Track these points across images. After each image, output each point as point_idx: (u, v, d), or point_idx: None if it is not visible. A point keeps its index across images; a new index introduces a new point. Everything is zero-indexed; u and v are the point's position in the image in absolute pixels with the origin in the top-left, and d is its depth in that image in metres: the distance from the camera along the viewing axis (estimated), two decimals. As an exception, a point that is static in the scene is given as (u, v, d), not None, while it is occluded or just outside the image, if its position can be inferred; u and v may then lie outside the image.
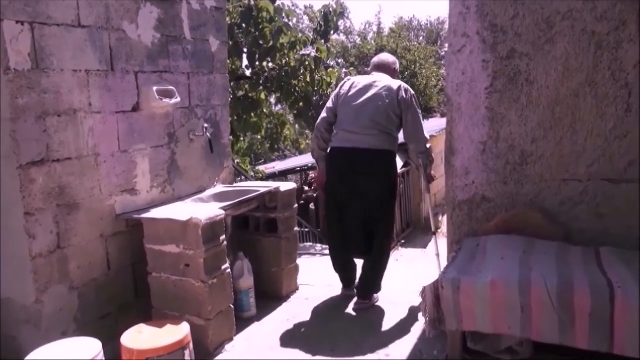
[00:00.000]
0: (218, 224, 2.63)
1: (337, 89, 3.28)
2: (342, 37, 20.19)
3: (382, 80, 3.20)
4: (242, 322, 2.95)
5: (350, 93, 3.17)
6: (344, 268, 3.32)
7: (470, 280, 2.27)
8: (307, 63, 4.77)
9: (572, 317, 2.09)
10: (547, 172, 2.73)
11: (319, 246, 4.60)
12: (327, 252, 4.40)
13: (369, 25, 23.21)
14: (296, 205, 3.38)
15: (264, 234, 3.29)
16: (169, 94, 2.91)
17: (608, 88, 2.57)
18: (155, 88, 2.82)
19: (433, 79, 18.03)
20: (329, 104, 3.25)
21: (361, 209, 3.12)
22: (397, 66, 3.48)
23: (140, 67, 2.79)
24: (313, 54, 4.79)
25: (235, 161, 5.79)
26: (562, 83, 2.64)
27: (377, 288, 3.26)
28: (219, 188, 3.34)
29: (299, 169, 9.19)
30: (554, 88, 2.66)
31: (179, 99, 2.96)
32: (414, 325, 2.94)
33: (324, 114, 3.25)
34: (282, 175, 9.66)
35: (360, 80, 3.25)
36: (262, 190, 3.11)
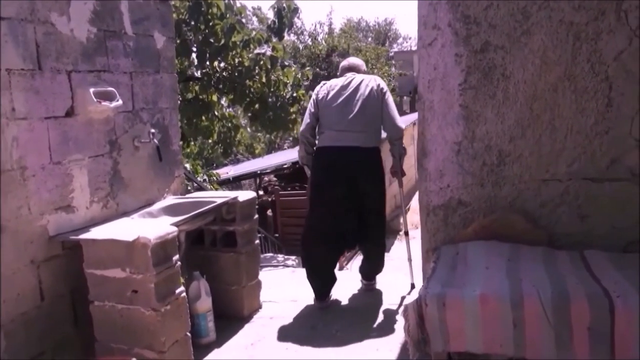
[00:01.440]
0: (170, 242, 2.32)
1: (314, 95, 3.33)
2: (293, 37, 19.95)
3: (356, 77, 3.30)
4: (201, 350, 2.64)
5: (330, 95, 3.23)
6: (323, 276, 3.19)
7: (457, 295, 2.05)
8: (262, 62, 4.48)
9: (570, 331, 1.91)
10: (526, 172, 2.57)
11: (280, 256, 4.33)
12: (290, 263, 4.14)
13: (320, 26, 23.08)
14: (256, 216, 3.11)
15: (221, 249, 3.00)
16: (108, 96, 2.57)
17: (588, 81, 2.42)
18: (92, 89, 2.48)
19: (385, 79, 18.06)
20: (310, 109, 3.28)
21: (355, 202, 3.16)
22: (365, 68, 3.62)
23: (74, 66, 2.44)
24: (268, 53, 4.50)
25: (187, 166, 5.43)
26: (539, 77, 2.48)
27: (381, 269, 3.40)
28: (170, 200, 3.01)
29: (253, 173, 8.90)
30: (531, 83, 2.50)
31: (120, 102, 2.62)
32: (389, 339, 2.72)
33: (307, 120, 3.28)
34: (236, 181, 9.31)
35: (336, 82, 3.31)
36: (219, 201, 2.81)
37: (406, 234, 3.52)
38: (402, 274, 3.80)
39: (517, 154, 2.57)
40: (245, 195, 3.01)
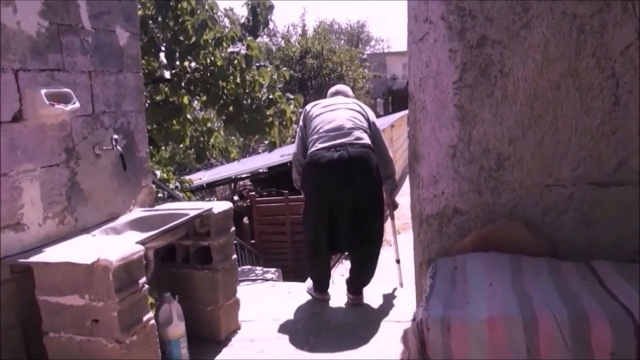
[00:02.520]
0: (135, 263, 2.04)
1: (302, 117, 3.33)
2: (266, 39, 19.67)
3: (346, 99, 3.39)
4: (174, 380, 2.36)
5: (319, 111, 3.24)
6: (324, 272, 3.27)
7: (462, 318, 1.83)
8: (236, 62, 4.21)
9: (591, 356, 1.70)
10: (527, 177, 2.37)
11: (259, 269, 4.06)
12: (270, 276, 3.88)
13: (293, 27, 22.84)
14: (233, 229, 2.84)
15: (195, 265, 2.73)
16: (64, 98, 2.28)
17: (593, 78, 2.24)
18: (44, 91, 2.19)
19: (360, 81, 17.93)
20: (299, 133, 3.28)
21: (354, 204, 3.09)
22: (352, 94, 3.65)
23: (22, 64, 2.15)
24: (243, 51, 4.23)
25: (157, 173, 5.12)
26: (541, 74, 2.29)
27: (369, 281, 3.28)
28: (137, 213, 2.72)
29: (229, 179, 8.59)
30: (532, 80, 2.30)
31: (77, 105, 2.33)
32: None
33: (298, 143, 3.27)
34: (211, 187, 8.98)
35: (323, 101, 3.36)
36: (192, 213, 2.54)
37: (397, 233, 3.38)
38: (386, 281, 3.60)
39: (517, 157, 2.36)
40: (220, 206, 2.75)
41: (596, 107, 2.25)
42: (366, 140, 3.13)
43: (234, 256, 2.87)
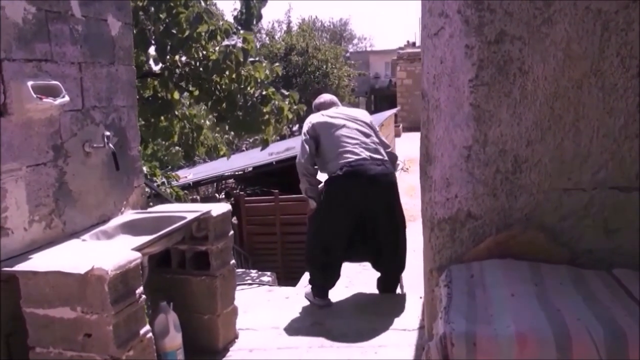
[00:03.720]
0: (132, 272, 1.88)
1: (309, 125, 3.34)
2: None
3: (350, 109, 3.54)
4: (170, 396, 2.20)
5: (333, 121, 3.30)
6: (332, 279, 3.28)
7: (489, 334, 1.71)
8: (233, 56, 4.02)
9: (628, 377, 1.59)
10: (546, 180, 2.26)
11: (254, 272, 3.90)
12: (266, 279, 3.73)
13: (278, 24, 22.61)
14: (232, 233, 2.68)
15: (191, 271, 2.57)
16: (52, 92, 2.10)
17: (617, 78, 2.13)
18: (30, 83, 2.01)
19: (345, 79, 17.80)
20: (306, 144, 3.27)
21: (385, 215, 3.22)
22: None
23: (7, 53, 1.97)
24: (239, 45, 4.05)
25: (143, 169, 4.91)
26: (562, 73, 2.18)
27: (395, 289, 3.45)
28: (129, 215, 2.55)
29: (218, 177, 8.39)
30: (552, 79, 2.19)
31: (67, 98, 2.15)
32: None
33: (305, 151, 3.25)
34: (197, 186, 8.77)
35: (331, 112, 3.40)
36: (189, 216, 2.38)
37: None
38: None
39: (535, 159, 2.25)
40: (219, 208, 2.59)
41: (619, 108, 2.15)
42: (383, 152, 3.31)
43: (233, 261, 2.71)
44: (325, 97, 3.70)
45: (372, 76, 31.18)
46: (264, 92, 4.45)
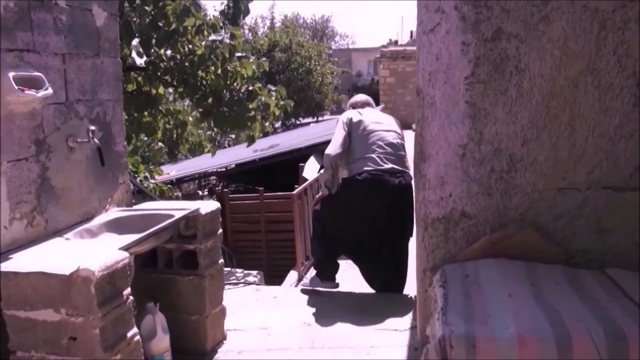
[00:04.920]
0: (120, 272, 1.81)
1: (346, 120, 3.40)
2: (232, 32, 19.18)
3: (385, 116, 3.63)
4: (157, 399, 2.13)
5: (371, 126, 3.35)
6: (334, 264, 3.40)
7: (489, 335, 1.68)
8: (219, 51, 3.93)
9: (628, 379, 1.58)
10: (541, 180, 2.25)
11: (239, 272, 3.83)
12: (252, 279, 3.67)
13: (262, 20, 22.43)
14: (221, 231, 2.61)
15: (179, 271, 2.49)
16: (34, 83, 2.01)
17: (613, 77, 2.13)
18: (11, 74, 1.91)
19: (328, 76, 17.73)
20: (342, 138, 3.33)
21: (396, 224, 3.29)
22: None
23: (-14, 43, 1.85)
24: (227, 41, 3.96)
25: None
26: (559, 71, 2.16)
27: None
28: (114, 213, 2.46)
29: (203, 174, 8.27)
30: (549, 77, 2.17)
31: (50, 91, 2.06)
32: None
33: (339, 146, 3.31)
34: (179, 183, 8.63)
35: (369, 114, 3.48)
36: (177, 214, 2.30)
37: None
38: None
39: (530, 158, 2.24)
40: (208, 206, 2.52)
41: (615, 107, 2.14)
42: (411, 167, 3.32)
43: (221, 260, 2.64)
44: (361, 97, 3.79)
45: (355, 74, 31.18)
46: (250, 88, 4.38)
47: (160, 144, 6.21)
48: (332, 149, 3.31)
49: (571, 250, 2.24)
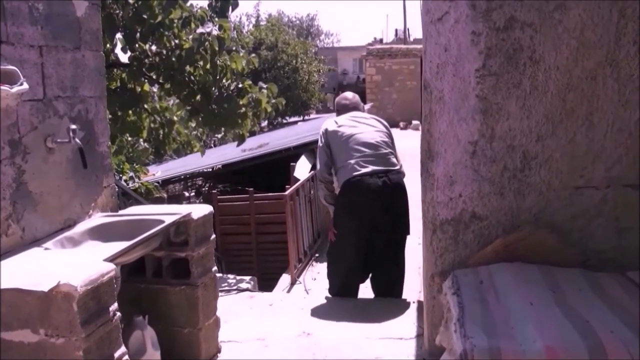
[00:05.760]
0: (105, 286, 1.63)
1: (324, 137, 3.28)
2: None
3: (365, 115, 3.45)
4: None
5: (343, 130, 3.23)
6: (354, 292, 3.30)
7: (515, 349, 1.54)
8: (207, 44, 3.73)
9: (667, 394, 1.44)
10: (556, 178, 2.12)
11: (231, 277, 3.65)
12: (245, 285, 3.51)
13: (247, 17, 22.17)
14: (214, 237, 2.45)
15: (169, 280, 2.31)
16: (8, 78, 1.83)
17: (633, 68, 2.01)
18: (-18, 67, 1.72)
19: (315, 74, 17.56)
20: (322, 152, 3.25)
21: (390, 229, 3.17)
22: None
23: (-47, 33, 1.66)
24: (215, 33, 3.76)
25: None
26: (575, 62, 2.04)
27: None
28: (98, 219, 2.28)
29: (186, 175, 8.05)
30: (565, 69, 2.05)
31: (26, 86, 1.87)
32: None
33: (323, 159, 3.23)
34: (166, 184, 8.40)
35: (345, 119, 3.33)
36: (167, 220, 2.12)
37: None
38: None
39: (545, 156, 2.11)
40: (200, 210, 2.34)
41: (635, 100, 2.03)
42: (398, 164, 3.25)
43: (214, 268, 2.47)
44: (347, 98, 3.56)
45: (340, 72, 31.07)
46: (240, 85, 4.19)
47: (144, 143, 6.00)
48: (318, 164, 3.27)
49: (588, 252, 2.12)
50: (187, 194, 10.45)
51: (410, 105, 18.04)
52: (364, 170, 3.08)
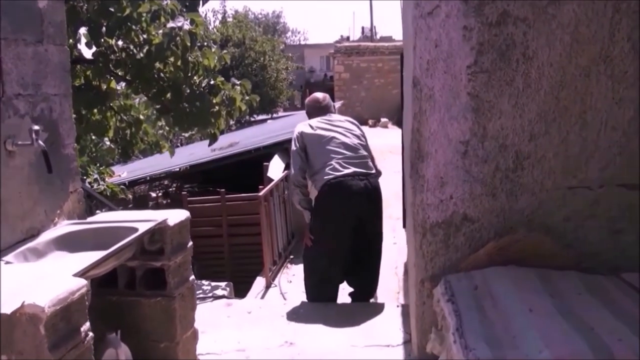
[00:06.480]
0: (76, 305, 1.48)
1: (298, 136, 3.19)
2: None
3: (339, 117, 3.39)
4: None
5: (320, 133, 3.16)
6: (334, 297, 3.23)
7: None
8: (178, 40, 3.53)
9: (680, 404, 1.39)
10: (549, 178, 2.06)
11: (206, 284, 3.49)
12: (220, 292, 3.36)
13: (213, 14, 21.79)
14: (191, 244, 2.30)
15: (143, 292, 2.15)
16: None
17: (627, 65, 1.97)
18: None
19: (283, 72, 17.39)
20: (296, 155, 3.16)
21: (369, 230, 3.15)
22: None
23: None
24: (186, 27, 3.57)
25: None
26: (569, 59, 1.98)
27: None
28: (64, 227, 2.11)
29: (150, 177, 7.78)
30: (558, 66, 1.99)
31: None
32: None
33: (297, 163, 3.13)
34: (132, 186, 8.11)
35: (319, 122, 3.24)
36: (142, 228, 1.97)
37: None
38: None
39: (538, 155, 2.05)
40: (176, 215, 2.19)
41: (629, 98, 1.98)
42: (374, 167, 3.21)
43: (192, 277, 2.32)
44: (319, 102, 3.43)
45: (308, 70, 30.94)
46: (211, 82, 4.02)
47: (108, 143, 5.73)
48: (291, 169, 3.18)
49: (583, 254, 2.06)
50: (153, 194, 10.14)
51: (378, 103, 18.07)
52: (345, 171, 3.01)
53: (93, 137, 6.09)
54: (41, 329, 1.35)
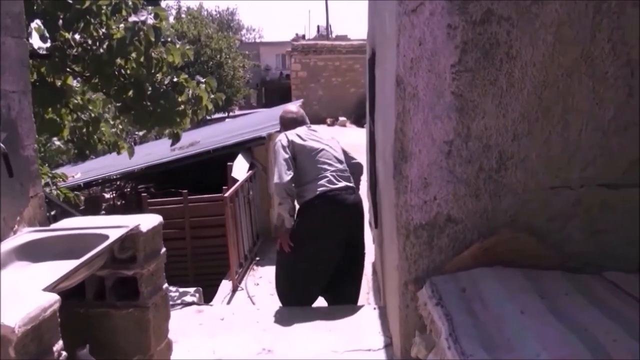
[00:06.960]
0: (48, 322, 1.35)
1: (287, 143, 3.16)
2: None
3: (319, 130, 3.44)
4: None
5: (311, 144, 3.18)
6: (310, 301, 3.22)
7: (522, 366, 1.42)
8: (142, 34, 3.35)
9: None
10: (532, 179, 2.06)
11: (173, 290, 3.34)
12: (190, 298, 3.23)
13: (167, 10, 21.20)
14: (164, 250, 2.18)
15: (114, 303, 2.02)
16: None
17: (607, 65, 1.97)
18: None
19: (240, 70, 17.12)
20: (286, 164, 3.09)
21: (351, 240, 3.16)
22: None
23: None
24: (150, 21, 3.38)
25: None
26: (552, 59, 1.98)
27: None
28: (26, 235, 1.95)
29: (107, 177, 7.44)
30: (541, 66, 1.98)
31: None
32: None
33: (287, 170, 3.07)
34: (88, 187, 7.76)
35: (302, 134, 3.24)
36: (113, 235, 1.84)
37: None
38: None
39: (521, 155, 2.04)
40: (149, 221, 2.07)
41: (609, 98, 1.99)
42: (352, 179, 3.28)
43: (165, 285, 2.19)
44: (294, 114, 3.44)
45: (263, 68, 30.68)
46: (175, 79, 3.85)
47: (58, 143, 5.44)
48: (281, 176, 3.05)
49: (566, 254, 2.07)
50: (107, 195, 9.75)
51: (336, 102, 18.09)
52: (339, 185, 3.08)
53: (40, 137, 5.77)
54: (11, 351, 1.22)
